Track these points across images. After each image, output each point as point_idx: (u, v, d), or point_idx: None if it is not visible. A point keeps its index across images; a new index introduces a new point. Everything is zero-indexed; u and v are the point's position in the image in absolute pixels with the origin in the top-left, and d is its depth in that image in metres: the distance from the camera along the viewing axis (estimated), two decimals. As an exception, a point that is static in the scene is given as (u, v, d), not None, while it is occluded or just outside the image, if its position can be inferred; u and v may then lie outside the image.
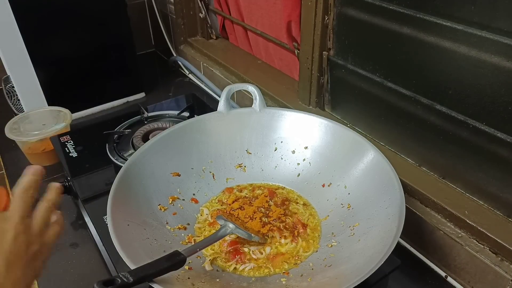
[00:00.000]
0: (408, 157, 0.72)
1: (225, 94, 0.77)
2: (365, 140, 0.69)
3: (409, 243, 0.69)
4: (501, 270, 0.56)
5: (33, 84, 0.98)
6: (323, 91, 0.85)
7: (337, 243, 0.62)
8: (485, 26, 0.52)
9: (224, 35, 1.25)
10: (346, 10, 0.72)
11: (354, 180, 0.68)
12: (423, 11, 0.59)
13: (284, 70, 1.03)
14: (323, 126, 0.74)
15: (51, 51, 0.98)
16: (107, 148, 0.85)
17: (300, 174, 0.75)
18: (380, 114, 0.73)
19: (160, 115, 0.98)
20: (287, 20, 0.88)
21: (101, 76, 1.08)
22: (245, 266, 0.60)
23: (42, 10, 0.93)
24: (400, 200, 0.57)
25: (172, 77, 1.30)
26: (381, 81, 0.70)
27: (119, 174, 0.63)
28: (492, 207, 0.60)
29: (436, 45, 0.58)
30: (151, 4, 1.32)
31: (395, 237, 0.52)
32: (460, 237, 0.61)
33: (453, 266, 0.63)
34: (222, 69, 1.13)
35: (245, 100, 1.00)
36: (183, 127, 0.75)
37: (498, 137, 0.55)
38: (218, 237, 0.59)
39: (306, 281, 0.56)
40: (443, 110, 0.61)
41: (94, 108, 1.11)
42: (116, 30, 1.05)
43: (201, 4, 1.21)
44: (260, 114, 0.78)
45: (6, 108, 1.08)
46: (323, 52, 0.79)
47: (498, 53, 0.52)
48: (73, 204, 0.81)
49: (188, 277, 0.55)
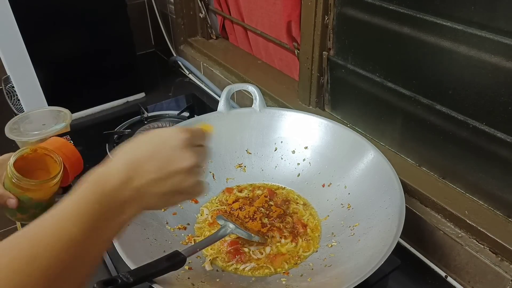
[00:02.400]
0: (408, 157, 0.72)
1: (225, 94, 0.77)
2: (365, 140, 0.69)
3: (409, 243, 0.69)
4: (501, 270, 0.56)
5: (33, 84, 0.98)
6: (323, 91, 0.85)
7: (337, 243, 0.62)
8: (485, 26, 0.52)
9: (224, 35, 1.25)
10: (346, 10, 0.72)
11: (354, 180, 0.68)
12: (423, 11, 0.59)
13: (284, 70, 1.03)
14: (323, 126, 0.74)
15: (51, 51, 0.98)
16: (107, 148, 0.85)
17: (300, 174, 0.75)
18: (380, 114, 0.73)
19: (160, 115, 0.98)
20: (287, 20, 0.88)
21: (101, 76, 1.08)
22: (245, 266, 0.60)
23: (42, 10, 0.93)
24: (400, 200, 0.57)
25: (172, 77, 1.30)
26: (381, 81, 0.70)
27: (119, 174, 0.63)
28: (492, 207, 0.60)
29: (436, 45, 0.58)
30: (151, 4, 1.32)
31: (395, 237, 0.52)
32: (460, 237, 0.61)
33: (453, 266, 0.63)
34: (222, 69, 1.13)
35: (245, 100, 1.00)
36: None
37: (498, 137, 0.55)
38: (218, 237, 0.59)
39: (306, 281, 0.56)
40: (443, 110, 0.61)
41: (94, 108, 1.11)
42: (116, 30, 1.05)
43: (201, 4, 1.21)
44: (260, 114, 0.78)
45: (6, 108, 1.07)
46: (323, 52, 0.79)
47: (498, 53, 0.52)
48: (73, 204, 0.81)
49: (188, 277, 0.55)
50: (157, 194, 0.42)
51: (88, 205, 0.37)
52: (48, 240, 0.34)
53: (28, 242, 0.34)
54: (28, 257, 0.32)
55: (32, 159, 0.67)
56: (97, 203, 0.37)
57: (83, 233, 0.36)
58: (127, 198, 0.39)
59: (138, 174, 0.40)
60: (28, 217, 0.67)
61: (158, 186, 0.41)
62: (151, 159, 0.41)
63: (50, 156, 0.68)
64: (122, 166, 0.40)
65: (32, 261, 0.32)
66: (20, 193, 0.63)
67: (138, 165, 0.40)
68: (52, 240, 0.34)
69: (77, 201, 0.37)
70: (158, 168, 0.41)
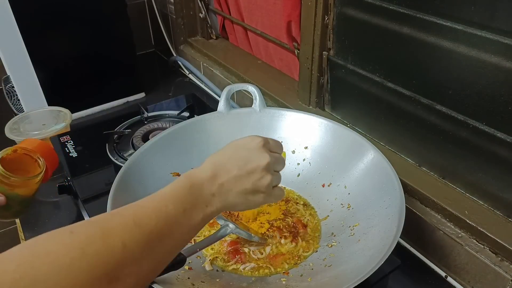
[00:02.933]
0: (408, 157, 0.72)
1: (225, 94, 0.77)
2: (365, 140, 0.69)
3: (409, 243, 0.69)
4: (501, 270, 0.56)
5: (33, 84, 0.98)
6: (323, 91, 0.85)
7: (337, 243, 0.62)
8: (485, 26, 0.52)
9: (224, 35, 1.25)
10: (346, 10, 0.72)
11: (354, 180, 0.68)
12: (423, 11, 0.59)
13: (284, 70, 1.03)
14: (323, 126, 0.74)
15: (51, 51, 0.98)
16: (107, 148, 0.85)
17: (300, 174, 0.75)
18: (380, 114, 0.73)
19: (160, 115, 0.98)
20: (287, 20, 0.88)
21: (101, 76, 1.08)
22: (245, 266, 0.60)
23: (42, 10, 0.93)
24: (400, 200, 0.57)
25: (172, 77, 1.30)
26: (381, 81, 0.70)
27: (119, 174, 0.63)
28: (492, 207, 0.60)
29: (436, 45, 0.58)
30: (151, 4, 1.32)
31: (395, 237, 0.52)
32: (460, 237, 0.61)
33: (453, 266, 0.63)
34: (222, 69, 1.13)
35: (245, 100, 1.00)
36: (183, 127, 0.75)
37: (498, 137, 0.55)
38: (218, 237, 0.59)
39: (306, 281, 0.56)
40: (443, 110, 0.61)
41: (94, 108, 1.11)
42: (116, 30, 1.05)
43: (201, 4, 1.21)
44: (260, 114, 0.78)
45: (6, 108, 1.08)
46: (323, 52, 0.79)
47: (498, 53, 0.52)
48: (73, 204, 0.81)
49: (188, 277, 0.55)
50: (239, 191, 0.47)
51: (181, 191, 0.44)
52: (150, 213, 0.41)
53: (135, 211, 0.41)
54: (134, 221, 0.39)
55: (11, 160, 0.71)
56: (189, 191, 0.45)
57: (177, 211, 0.43)
58: (213, 191, 0.46)
59: (222, 172, 0.47)
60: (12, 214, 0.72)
61: (239, 183, 0.47)
62: (233, 159, 0.48)
63: (30, 156, 0.73)
64: (209, 166, 0.47)
65: (138, 224, 0.39)
66: (7, 190, 0.67)
67: (222, 164, 0.47)
68: (153, 213, 0.41)
69: (173, 187, 0.45)
70: (239, 166, 0.47)
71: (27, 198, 0.72)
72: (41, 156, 0.75)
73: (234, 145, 0.50)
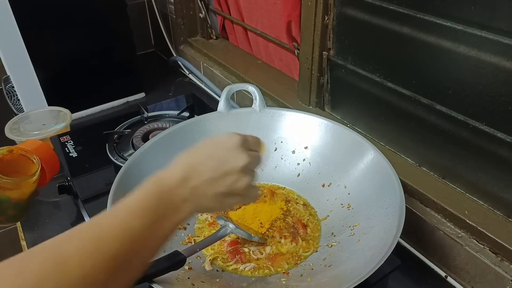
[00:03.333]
0: (408, 157, 0.72)
1: (225, 94, 0.77)
2: (365, 140, 0.69)
3: (409, 243, 0.69)
4: (501, 270, 0.56)
5: (33, 84, 0.98)
6: (323, 91, 0.85)
7: (337, 243, 0.62)
8: (485, 26, 0.52)
9: (224, 35, 1.25)
10: (346, 10, 0.72)
11: (354, 180, 0.68)
12: (423, 11, 0.59)
13: (284, 70, 1.03)
14: (323, 126, 0.74)
15: (51, 51, 0.98)
16: (107, 148, 0.85)
17: (300, 174, 0.75)
18: (380, 114, 0.73)
19: (160, 115, 0.98)
20: (287, 20, 0.88)
21: (101, 76, 1.08)
22: (245, 266, 0.60)
23: (42, 10, 0.93)
24: (400, 200, 0.57)
25: (172, 77, 1.30)
26: (381, 81, 0.70)
27: (119, 174, 0.63)
28: (492, 207, 0.60)
29: (436, 45, 0.58)
30: (151, 4, 1.32)
31: (395, 237, 0.52)
32: (460, 237, 0.61)
33: (453, 266, 0.63)
34: (222, 69, 1.13)
35: (245, 100, 1.00)
36: (183, 127, 0.75)
37: (498, 137, 0.55)
38: (218, 237, 0.59)
39: (306, 281, 0.56)
40: (443, 110, 0.61)
41: (94, 108, 1.11)
42: (116, 30, 1.05)
43: (201, 4, 1.21)
44: (260, 114, 0.78)
45: (6, 108, 1.08)
46: (323, 52, 0.79)
47: (498, 53, 0.52)
48: (73, 204, 0.81)
49: (188, 277, 0.55)
50: (213, 195, 0.44)
51: (148, 202, 0.40)
52: (113, 234, 0.36)
53: (95, 233, 0.36)
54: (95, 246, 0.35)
55: (7, 161, 0.68)
56: (157, 200, 0.40)
57: (144, 226, 0.38)
58: (184, 196, 0.42)
59: (194, 174, 0.43)
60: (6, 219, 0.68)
61: (213, 186, 0.43)
62: (207, 160, 0.44)
63: (27, 157, 0.70)
64: (180, 167, 0.43)
65: (100, 249, 0.35)
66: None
67: (195, 166, 0.43)
68: (117, 230, 0.37)
69: (139, 197, 0.40)
70: (213, 168, 0.43)
71: (21, 202, 0.69)
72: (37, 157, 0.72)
73: (209, 143, 0.46)
